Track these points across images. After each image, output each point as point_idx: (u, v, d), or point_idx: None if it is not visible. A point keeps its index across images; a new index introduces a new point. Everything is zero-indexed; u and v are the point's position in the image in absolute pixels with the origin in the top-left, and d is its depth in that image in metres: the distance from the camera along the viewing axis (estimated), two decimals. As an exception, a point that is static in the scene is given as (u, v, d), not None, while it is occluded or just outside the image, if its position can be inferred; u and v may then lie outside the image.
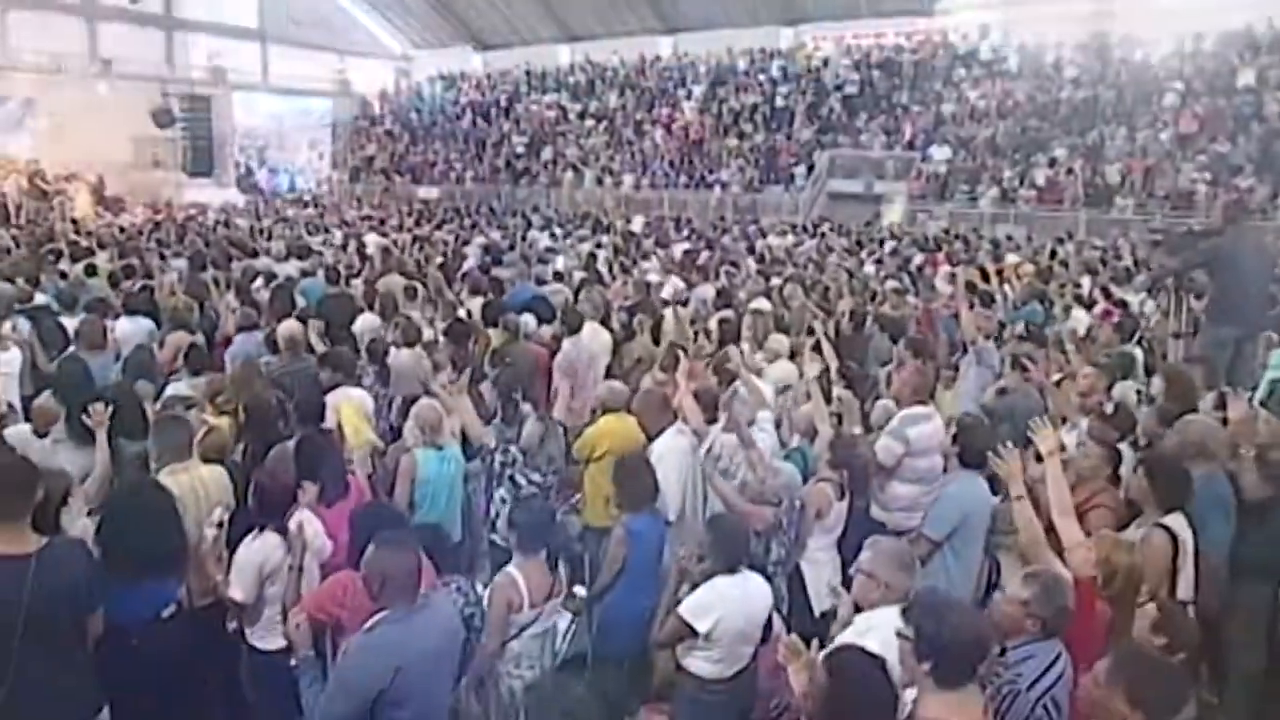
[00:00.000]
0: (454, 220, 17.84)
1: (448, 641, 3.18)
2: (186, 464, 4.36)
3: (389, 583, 3.00)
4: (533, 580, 3.85)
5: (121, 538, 3.66)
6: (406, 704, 2.95)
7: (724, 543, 3.75)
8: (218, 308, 8.72)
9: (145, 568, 3.69)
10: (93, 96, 22.90)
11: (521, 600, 3.80)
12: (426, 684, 3.03)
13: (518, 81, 28.50)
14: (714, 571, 3.70)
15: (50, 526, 3.61)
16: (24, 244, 13.41)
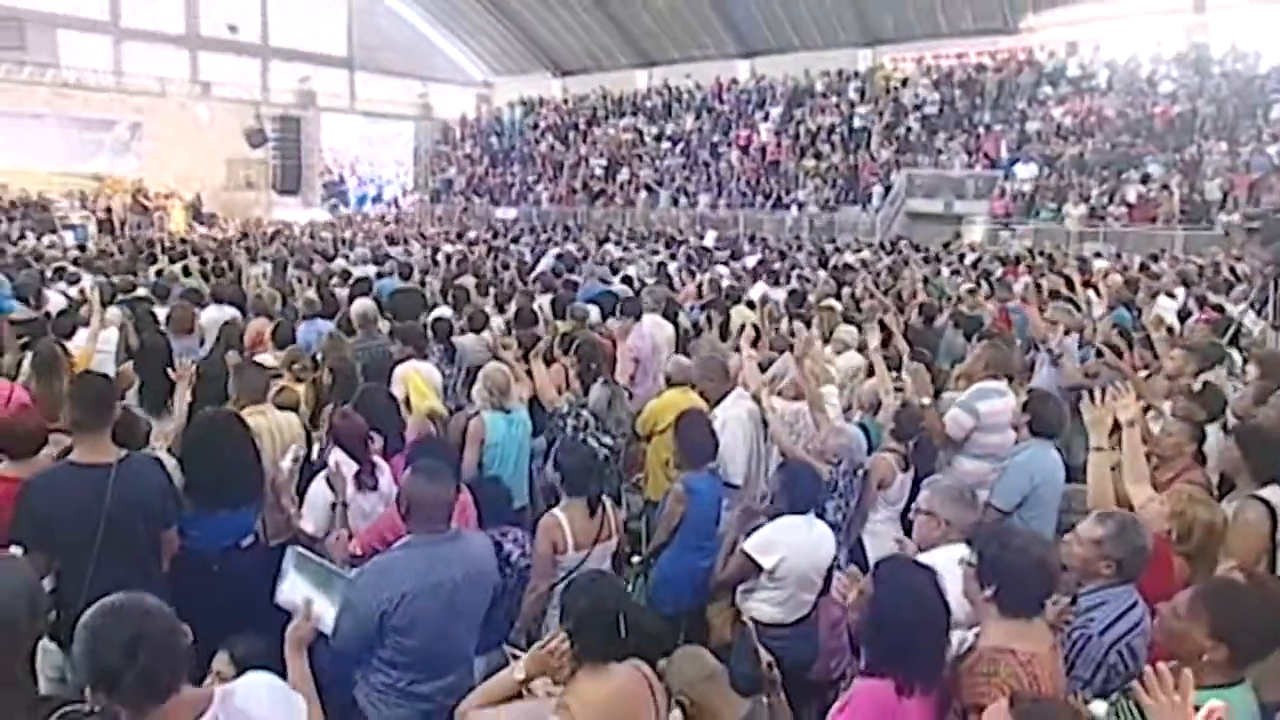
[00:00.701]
0: (530, 235, 18.16)
1: (470, 579, 3.01)
2: (263, 407, 4.53)
3: (415, 508, 2.98)
4: (577, 523, 3.82)
5: (202, 464, 3.78)
6: (412, 632, 2.85)
7: (794, 485, 3.69)
8: (297, 305, 9.11)
9: (224, 495, 3.81)
10: (192, 121, 24.58)
11: (565, 542, 3.77)
12: (438, 617, 2.90)
13: (595, 106, 29.00)
14: (781, 512, 3.63)
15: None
16: (125, 250, 14.26)
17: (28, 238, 16.77)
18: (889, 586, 2.43)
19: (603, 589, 2.61)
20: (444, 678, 2.99)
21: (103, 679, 1.82)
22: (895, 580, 2.45)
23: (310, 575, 2.31)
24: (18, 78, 22.00)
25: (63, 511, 3.29)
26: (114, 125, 24.51)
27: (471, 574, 3.02)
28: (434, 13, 31.32)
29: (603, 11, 27.79)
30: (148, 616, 1.88)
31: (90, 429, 3.44)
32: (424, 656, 2.92)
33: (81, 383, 3.66)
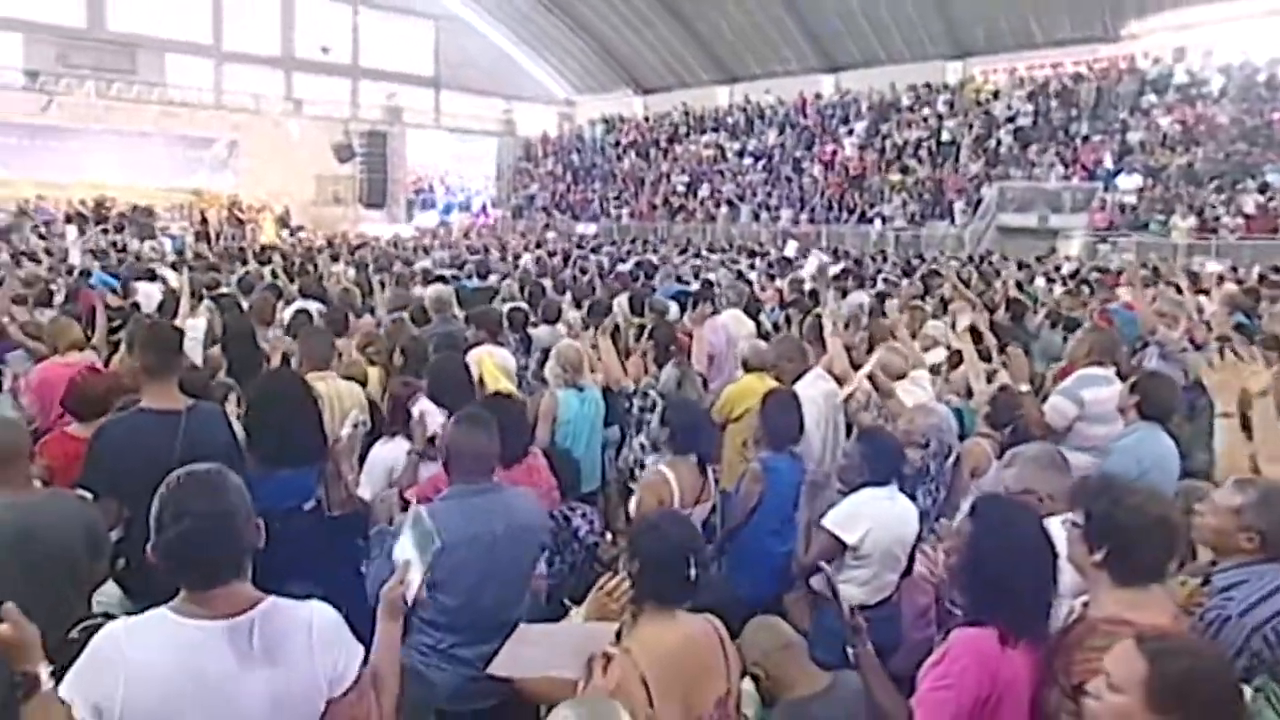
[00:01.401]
0: (611, 247, 18.16)
1: (512, 534, 2.81)
2: (325, 374, 4.48)
3: (454, 457, 2.83)
4: (684, 480, 3.65)
5: (264, 419, 3.72)
6: (451, 588, 2.66)
7: (874, 455, 3.41)
8: (375, 305, 9.27)
9: (285, 452, 3.73)
10: (285, 138, 25.65)
11: (672, 499, 3.59)
12: (476, 571, 2.72)
13: (676, 122, 29.02)
14: (861, 484, 3.37)
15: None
16: (217, 255, 14.80)
17: (130, 244, 17.57)
18: (989, 523, 2.15)
19: (673, 526, 2.38)
20: (489, 643, 2.77)
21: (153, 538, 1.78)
22: (996, 517, 2.18)
23: (417, 535, 2.16)
24: (128, 97, 23.24)
25: (133, 458, 3.23)
26: (213, 143, 25.74)
27: (513, 528, 2.82)
28: (519, 34, 31.95)
29: (685, 29, 27.87)
30: (213, 493, 1.83)
31: (159, 375, 3.41)
32: (465, 616, 2.74)
33: (150, 328, 3.65)
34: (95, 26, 23.91)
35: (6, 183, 22.00)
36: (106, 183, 23.22)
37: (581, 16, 29.63)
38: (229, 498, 1.85)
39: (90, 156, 23.40)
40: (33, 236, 18.36)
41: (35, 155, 22.71)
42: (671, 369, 5.16)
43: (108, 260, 13.25)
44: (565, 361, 5.08)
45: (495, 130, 31.82)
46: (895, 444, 3.55)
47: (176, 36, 25.28)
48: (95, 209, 21.67)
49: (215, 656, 1.72)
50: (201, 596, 1.77)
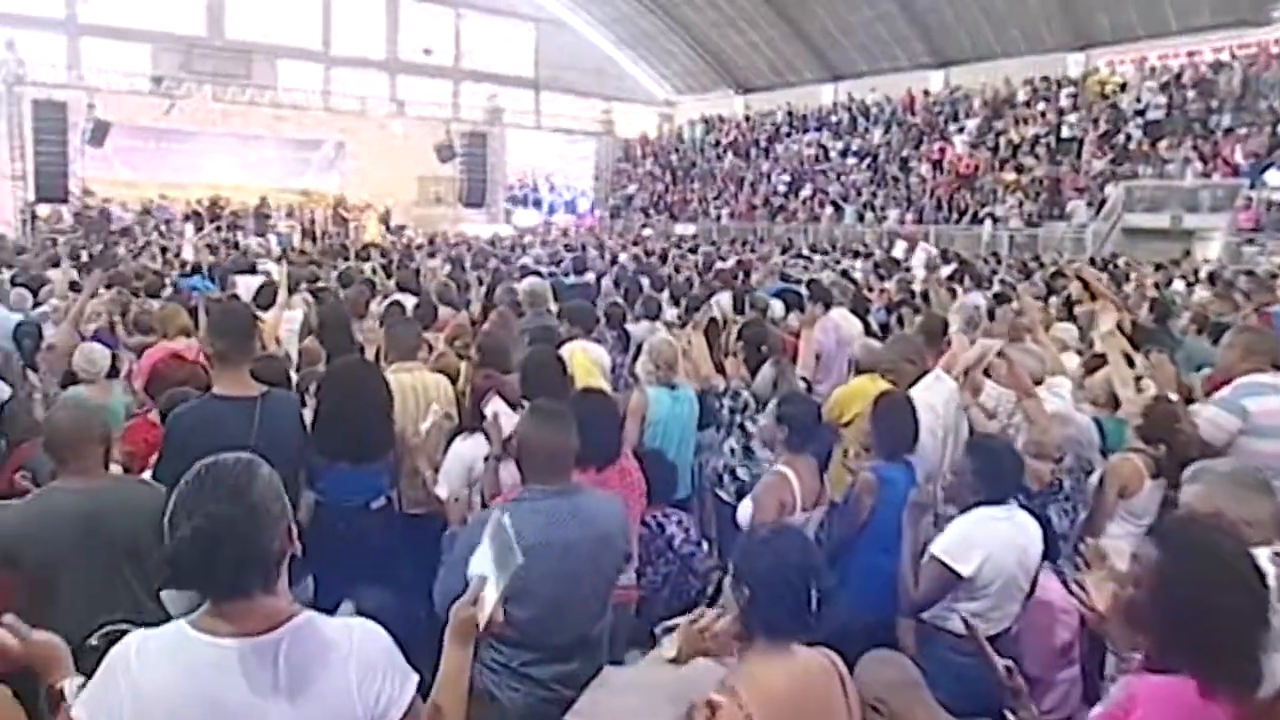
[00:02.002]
0: (710, 246, 17.81)
1: (590, 542, 2.51)
2: (410, 365, 4.29)
3: (527, 456, 2.54)
4: (804, 480, 3.34)
5: (328, 411, 3.56)
6: (522, 600, 2.35)
7: (989, 470, 2.96)
8: (470, 297, 9.24)
9: (349, 447, 3.56)
10: (388, 139, 26.26)
11: (794, 501, 3.29)
12: (551, 584, 2.42)
13: (778, 122, 28.42)
14: (974, 503, 2.93)
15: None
16: (320, 253, 15.12)
17: (242, 241, 18.22)
18: (1181, 550, 1.72)
19: (789, 544, 2.00)
20: (566, 662, 2.47)
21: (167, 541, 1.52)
22: (1189, 543, 1.75)
23: (497, 549, 1.85)
24: (242, 101, 24.10)
25: (205, 447, 3.04)
26: (321, 144, 26.57)
27: (593, 535, 2.52)
28: (619, 35, 31.92)
29: (789, 26, 27.26)
30: (234, 488, 1.54)
31: (233, 361, 3.27)
32: (539, 630, 2.43)
33: (223, 312, 3.51)
34: (215, 35, 24.93)
35: (133, 183, 23.18)
36: (222, 183, 24.21)
37: (683, 16, 29.37)
38: (253, 495, 1.55)
39: (207, 158, 24.45)
40: (153, 234, 19.23)
41: (159, 157, 23.86)
42: (768, 368, 4.78)
43: (218, 255, 13.70)
44: (658, 357, 4.77)
45: (594, 131, 31.85)
46: (1011, 456, 3.08)
47: (288, 43, 26.14)
48: (210, 208, 22.61)
49: (232, 681, 1.45)
50: (221, 610, 1.50)
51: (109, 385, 5.41)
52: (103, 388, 5.35)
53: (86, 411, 2.94)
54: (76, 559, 2.67)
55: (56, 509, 2.68)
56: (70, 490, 2.71)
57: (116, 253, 10.20)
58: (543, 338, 5.05)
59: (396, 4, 28.10)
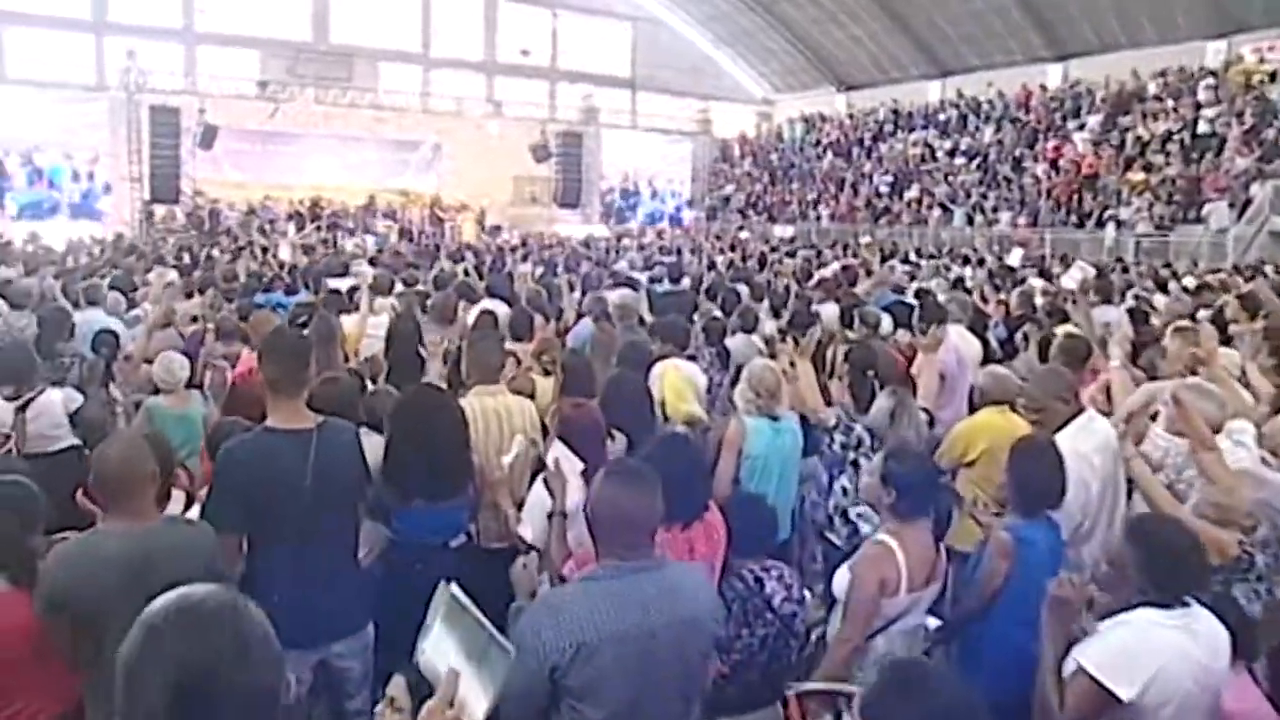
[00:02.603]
0: (809, 250, 17.14)
1: (677, 630, 2.11)
2: (495, 388, 3.94)
3: (601, 527, 2.16)
4: (913, 554, 2.83)
5: (398, 445, 3.28)
6: (595, 698, 2.00)
7: (1160, 565, 2.33)
8: (563, 304, 8.97)
9: (419, 484, 3.28)
10: (485, 139, 26.40)
11: (899, 579, 2.80)
12: (627, 682, 2.03)
13: (882, 120, 27.35)
14: (1136, 602, 2.33)
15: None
16: (415, 254, 15.12)
17: (342, 242, 18.53)
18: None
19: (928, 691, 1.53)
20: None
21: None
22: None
23: (463, 635, 1.43)
24: (342, 104, 24.57)
25: (259, 484, 2.90)
26: (419, 145, 26.90)
27: (678, 620, 2.12)
28: (717, 33, 31.34)
29: (894, 21, 26.17)
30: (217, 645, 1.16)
31: (286, 390, 3.01)
32: (615, 734, 2.00)
33: (276, 336, 3.21)
34: (319, 39, 25.48)
35: (241, 184, 23.98)
36: (324, 183, 24.82)
37: (783, 13, 28.60)
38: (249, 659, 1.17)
39: (310, 159, 25.08)
40: (255, 234, 19.76)
41: (265, 159, 24.58)
42: (885, 398, 4.22)
43: (313, 256, 13.83)
44: (759, 385, 4.30)
45: (691, 131, 31.37)
46: (1192, 550, 2.38)
47: (389, 45, 26.52)
48: (311, 208, 23.14)
49: None
50: None
51: (187, 395, 5.29)
52: (181, 397, 5.23)
53: (138, 448, 2.71)
54: (123, 605, 2.41)
55: (103, 553, 2.53)
56: (118, 534, 2.57)
57: (214, 255, 10.27)
58: (632, 359, 4.64)
59: (495, 5, 28.23)
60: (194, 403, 5.27)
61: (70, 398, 5.02)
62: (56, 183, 22.36)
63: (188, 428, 5.07)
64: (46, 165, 22.33)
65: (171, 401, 5.18)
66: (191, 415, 5.19)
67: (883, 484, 2.97)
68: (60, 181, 22.39)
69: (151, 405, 5.14)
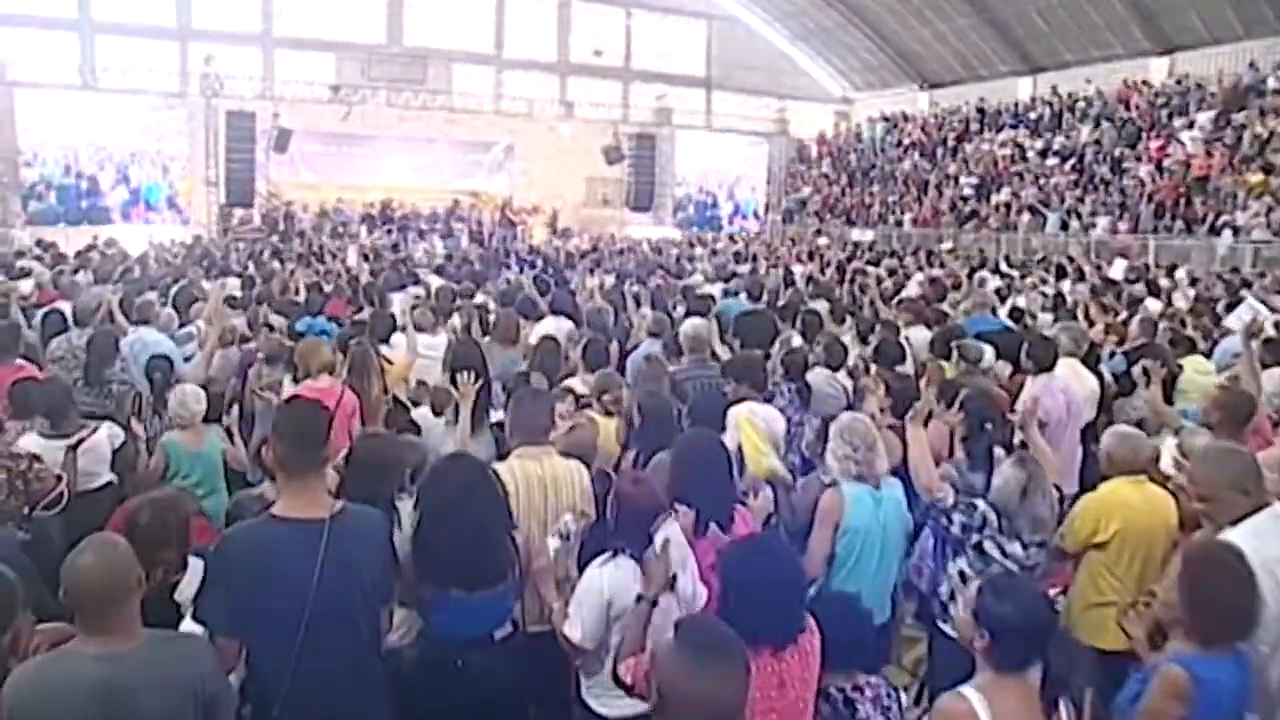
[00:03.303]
0: (890, 258, 16.27)
1: None
2: (541, 450, 3.43)
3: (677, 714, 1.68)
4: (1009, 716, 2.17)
5: (430, 530, 2.83)
6: None
7: None
8: (632, 318, 8.53)
9: (454, 573, 2.83)
10: (557, 141, 26.28)
11: None
12: None
13: (968, 119, 26.07)
14: None
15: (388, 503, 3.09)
16: (484, 258, 14.80)
17: (403, 247, 18.44)
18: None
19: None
20: None
21: None
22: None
23: None
24: (414, 106, 24.54)
25: (257, 583, 2.49)
26: (491, 147, 26.85)
27: None
28: (794, 30, 30.43)
29: (981, 15, 24.90)
30: None
31: (299, 471, 2.58)
32: None
33: (289, 410, 2.75)
34: (393, 42, 25.52)
35: (315, 186, 24.27)
36: (397, 185, 24.96)
37: (863, 9, 27.56)
38: None
39: (383, 161, 25.23)
40: (324, 238, 19.84)
41: (339, 161, 24.82)
42: (1014, 470, 3.54)
43: (380, 263, 13.61)
44: (857, 439, 3.71)
45: (767, 131, 30.53)
46: None
47: (462, 47, 26.42)
48: (382, 211, 23.17)
49: None
50: None
51: (203, 430, 4.96)
52: (197, 433, 4.95)
53: (116, 558, 2.30)
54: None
55: (70, 679, 2.18)
56: (91, 657, 2.20)
57: (273, 268, 10.03)
58: (707, 413, 4.05)
59: (568, 5, 27.93)
60: (211, 438, 4.97)
61: (114, 434, 4.74)
62: (154, 203, 22.81)
63: (205, 466, 4.82)
64: (142, 182, 22.77)
65: (187, 438, 4.89)
66: (208, 453, 4.90)
67: (975, 622, 2.33)
68: (157, 202, 22.84)
69: (167, 442, 4.88)
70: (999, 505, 3.49)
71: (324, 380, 5.19)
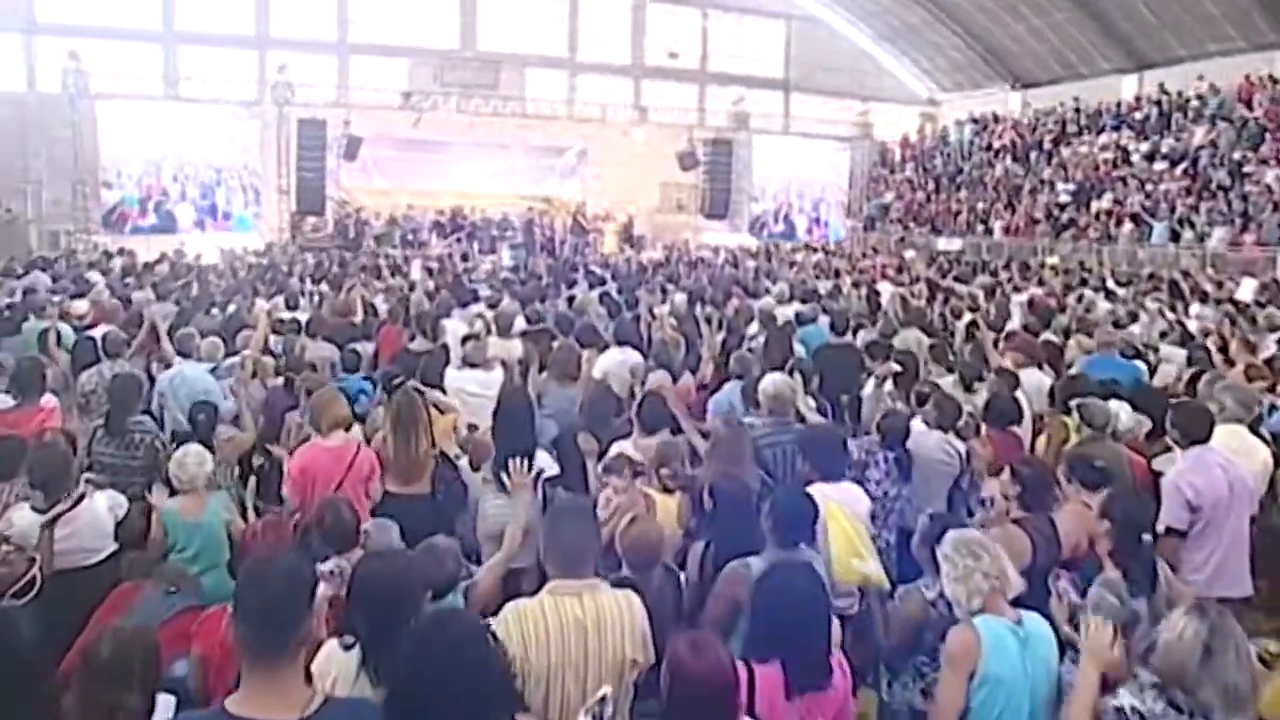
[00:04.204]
0: (983, 273, 15.13)
1: None
2: (582, 585, 2.68)
3: None
4: None
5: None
6: None
7: None
8: (702, 351, 7.80)
9: None
10: (630, 146, 25.76)
11: None
12: None
13: (1064, 120, 24.46)
14: None
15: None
16: (552, 270, 14.18)
17: (472, 256, 18.07)
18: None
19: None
20: None
21: None
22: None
23: None
24: (484, 112, 24.28)
25: None
26: (564, 152, 26.42)
27: None
28: (878, 29, 29.17)
29: (1081, 9, 23.28)
30: None
31: (262, 659, 1.95)
32: None
33: (250, 576, 2.05)
34: (466, 47, 25.31)
35: (387, 192, 24.13)
36: (469, 190, 24.69)
37: (951, 6, 26.18)
38: None
39: (456, 166, 25.00)
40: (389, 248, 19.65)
41: (411, 166, 24.63)
42: (1193, 624, 2.59)
43: (444, 276, 13.13)
44: (984, 553, 2.91)
45: (848, 135, 29.34)
46: None
47: (535, 51, 26.12)
48: (451, 219, 22.88)
49: None
50: None
51: (206, 498, 4.39)
52: (198, 501, 4.36)
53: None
54: None
55: None
56: None
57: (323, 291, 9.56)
58: (789, 508, 3.24)
59: (643, 6, 27.29)
60: (214, 507, 4.41)
61: (115, 503, 4.21)
62: (230, 212, 22.99)
63: (204, 537, 4.25)
64: (219, 191, 22.97)
65: (187, 505, 4.33)
66: (208, 524, 4.36)
67: None
68: (233, 211, 23.01)
69: (166, 511, 4.30)
70: (1170, 673, 2.59)
71: (336, 438, 4.66)
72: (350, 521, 3.49)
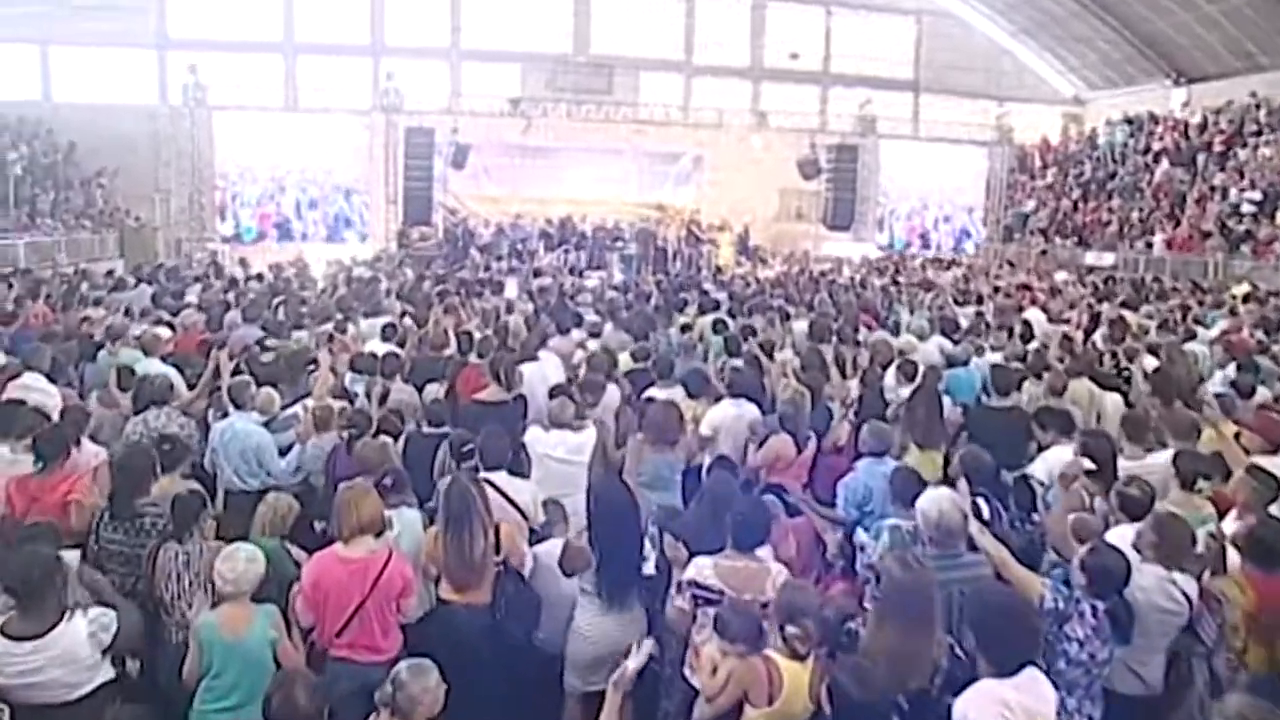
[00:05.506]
0: (1150, 298, 13.24)
1: None
2: None
3: None
4: None
5: None
6: None
7: None
8: (831, 405, 6.65)
9: None
10: (748, 151, 24.80)
11: None
12: None
13: (1238, 118, 21.73)
14: None
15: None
16: (663, 290, 13.12)
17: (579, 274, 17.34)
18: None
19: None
20: None
21: None
22: None
23: None
24: (596, 118, 23.75)
25: None
26: (679, 157, 25.58)
27: None
28: (1016, 23, 26.92)
29: (1263, -8, 20.64)
30: None
31: None
32: None
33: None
34: (579, 51, 24.75)
35: (497, 199, 23.85)
36: (580, 197, 24.21)
37: (1103, -7, 23.86)
38: None
39: (567, 172, 24.54)
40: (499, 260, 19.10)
41: (522, 173, 24.26)
42: None
43: (546, 297, 12.28)
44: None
45: (984, 139, 27.15)
46: None
47: (650, 55, 25.39)
48: (560, 228, 22.19)
49: None
50: None
51: (251, 613, 3.61)
52: (242, 615, 3.56)
53: None
54: None
55: None
56: None
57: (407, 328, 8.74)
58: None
59: (763, 5, 26.01)
60: (260, 623, 3.55)
61: (101, 624, 3.39)
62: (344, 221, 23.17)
63: (243, 662, 3.47)
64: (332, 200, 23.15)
65: (228, 618, 3.51)
66: (250, 646, 3.48)
67: None
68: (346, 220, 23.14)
69: (203, 625, 3.51)
70: None
71: (360, 546, 3.80)
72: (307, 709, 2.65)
